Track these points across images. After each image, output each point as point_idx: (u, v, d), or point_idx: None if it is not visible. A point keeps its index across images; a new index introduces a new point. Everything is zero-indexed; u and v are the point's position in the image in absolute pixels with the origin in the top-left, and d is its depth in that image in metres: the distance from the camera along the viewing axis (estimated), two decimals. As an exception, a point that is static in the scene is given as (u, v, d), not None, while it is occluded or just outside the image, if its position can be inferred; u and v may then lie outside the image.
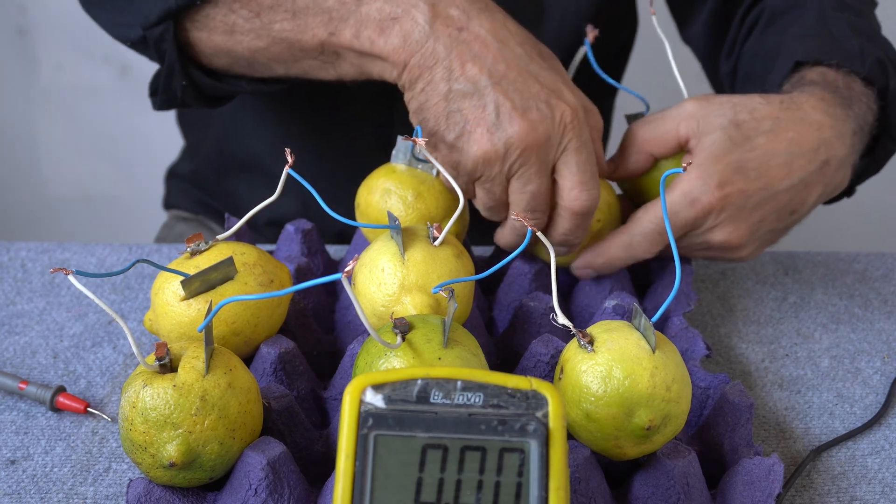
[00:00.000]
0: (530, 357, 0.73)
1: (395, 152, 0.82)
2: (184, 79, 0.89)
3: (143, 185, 1.90)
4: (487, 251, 0.92)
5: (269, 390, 0.68)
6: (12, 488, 0.68)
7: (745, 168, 0.79)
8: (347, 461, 0.51)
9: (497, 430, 0.52)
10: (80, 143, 2.03)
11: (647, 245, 0.81)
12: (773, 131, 0.80)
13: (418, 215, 0.79)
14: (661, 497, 0.65)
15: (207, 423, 0.62)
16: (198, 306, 0.70)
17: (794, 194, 0.81)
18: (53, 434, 0.73)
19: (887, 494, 0.72)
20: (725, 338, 0.87)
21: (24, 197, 2.08)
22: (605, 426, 0.63)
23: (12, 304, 0.87)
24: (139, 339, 0.83)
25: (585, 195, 0.77)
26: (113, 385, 0.78)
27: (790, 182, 0.80)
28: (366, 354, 0.65)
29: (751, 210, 0.79)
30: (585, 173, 0.77)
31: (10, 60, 1.95)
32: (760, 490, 0.65)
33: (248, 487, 0.62)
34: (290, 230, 0.86)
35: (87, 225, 2.09)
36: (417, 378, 0.53)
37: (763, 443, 0.76)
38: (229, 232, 0.76)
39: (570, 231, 0.79)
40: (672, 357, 0.64)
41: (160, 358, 0.63)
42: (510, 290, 0.83)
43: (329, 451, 0.69)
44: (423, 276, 0.71)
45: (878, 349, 0.87)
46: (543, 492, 0.51)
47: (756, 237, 0.82)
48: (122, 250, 0.94)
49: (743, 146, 0.79)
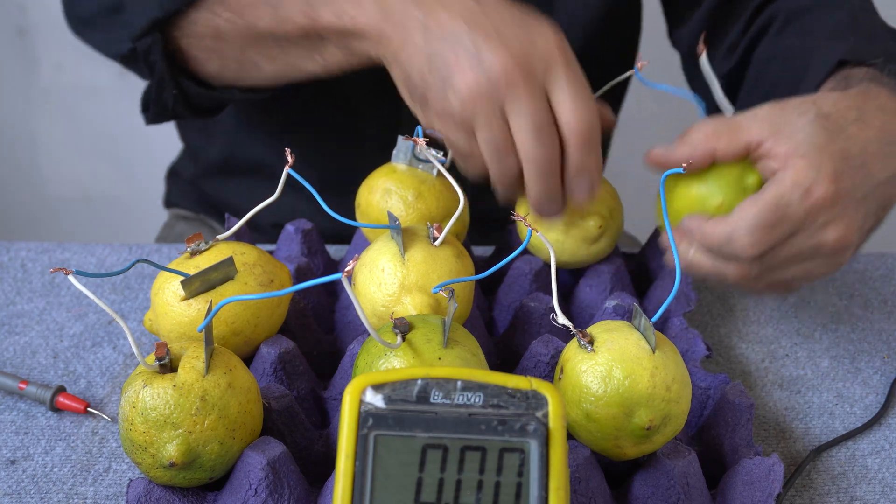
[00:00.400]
0: (530, 357, 0.73)
1: (395, 152, 0.82)
2: (174, 88, 0.89)
3: (143, 185, 1.90)
4: (487, 251, 0.92)
5: (269, 390, 0.68)
6: (12, 488, 0.68)
7: (851, 157, 0.72)
8: (347, 461, 0.51)
9: (497, 430, 0.52)
10: (80, 143, 2.03)
11: (747, 240, 0.70)
12: (862, 120, 0.74)
13: (419, 215, 0.79)
14: (661, 497, 0.65)
15: (207, 423, 0.62)
16: (198, 306, 0.70)
17: (890, 187, 0.75)
18: (53, 434, 0.73)
19: (887, 494, 0.72)
20: (725, 338, 0.87)
21: (24, 197, 2.08)
22: (605, 426, 0.63)
23: (12, 304, 0.87)
24: (139, 339, 0.83)
25: (583, 112, 0.73)
26: (113, 385, 0.78)
27: (887, 173, 0.74)
28: (366, 354, 0.65)
29: (857, 204, 0.72)
30: (578, 87, 0.73)
31: (10, 60, 1.95)
32: (760, 490, 0.65)
33: (248, 487, 0.62)
34: (290, 230, 0.87)
35: (87, 225, 2.09)
36: (417, 378, 0.53)
37: (763, 443, 0.76)
38: (229, 232, 0.76)
39: (583, 161, 0.74)
40: (672, 357, 0.64)
41: (160, 358, 0.63)
42: (510, 290, 0.83)
43: (329, 451, 0.69)
44: (424, 276, 0.71)
45: (878, 349, 0.87)
46: (543, 492, 0.51)
47: (860, 236, 0.74)
48: (122, 250, 0.94)
49: (840, 135, 0.72)
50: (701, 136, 0.74)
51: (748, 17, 1.01)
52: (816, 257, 0.73)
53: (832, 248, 0.72)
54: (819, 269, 0.74)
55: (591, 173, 0.75)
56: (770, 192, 0.70)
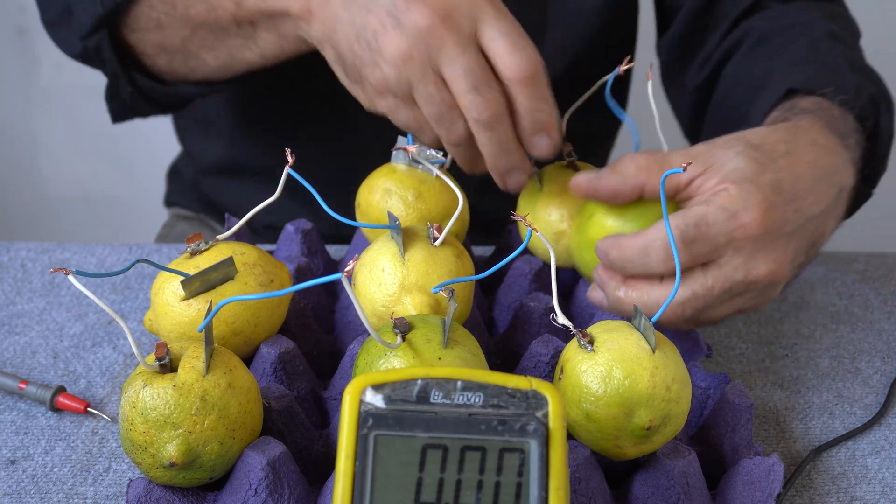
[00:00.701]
0: (530, 357, 0.73)
1: (395, 152, 0.82)
2: (129, 85, 0.93)
3: (143, 185, 1.90)
4: (487, 251, 0.92)
5: (269, 390, 0.68)
6: (12, 488, 0.68)
7: (782, 190, 0.70)
8: (347, 461, 0.51)
9: (497, 430, 0.52)
10: (80, 143, 2.03)
11: (662, 254, 0.69)
12: (792, 154, 0.72)
13: (418, 215, 0.79)
14: (661, 497, 0.65)
15: (207, 423, 0.62)
16: (198, 306, 0.70)
17: (820, 223, 0.73)
18: (53, 434, 0.73)
19: (887, 494, 0.72)
20: (725, 338, 0.87)
21: (24, 197, 2.08)
22: (605, 426, 0.63)
23: (12, 304, 0.87)
24: (139, 339, 0.83)
25: (522, 55, 0.70)
26: (113, 385, 0.78)
27: (818, 208, 0.72)
28: (366, 354, 0.65)
29: (788, 238, 0.70)
30: (513, 34, 0.71)
31: (10, 60, 1.95)
32: (760, 490, 0.65)
33: (248, 487, 0.62)
34: (290, 230, 0.87)
35: (87, 225, 2.09)
36: (417, 378, 0.53)
37: (763, 443, 0.76)
38: (229, 232, 0.76)
39: (533, 106, 0.72)
40: (672, 357, 0.64)
41: (160, 358, 0.63)
42: (510, 290, 0.83)
43: (329, 451, 0.69)
44: (424, 276, 0.71)
45: (878, 349, 0.87)
46: (543, 492, 0.51)
47: (792, 270, 0.72)
48: (122, 250, 0.94)
49: (770, 166, 0.70)
50: (632, 168, 0.71)
51: (724, 30, 1.00)
52: (747, 293, 0.70)
53: (764, 283, 0.70)
54: (749, 304, 0.72)
55: (547, 120, 0.73)
56: (694, 210, 0.69)
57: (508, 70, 0.71)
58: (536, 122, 0.73)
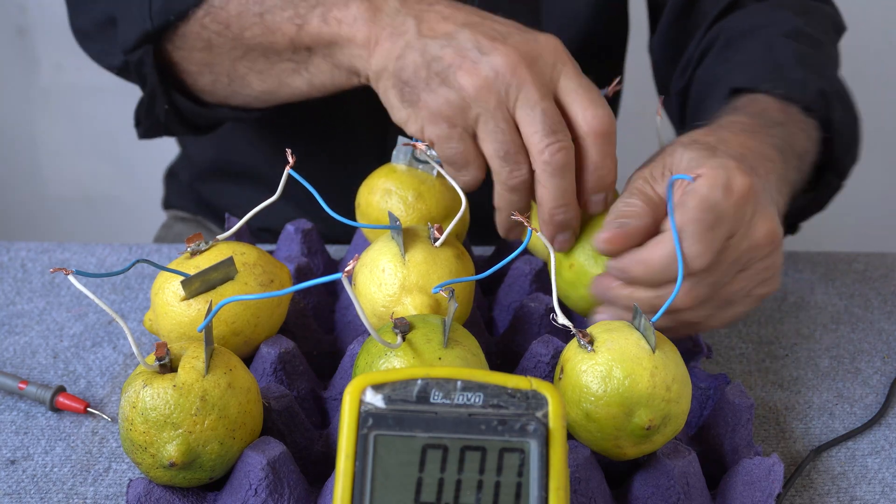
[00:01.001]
0: (530, 357, 0.73)
1: (395, 152, 0.82)
2: (166, 103, 0.90)
3: (143, 185, 1.90)
4: (487, 251, 0.93)
5: (269, 390, 0.68)
6: (12, 488, 0.68)
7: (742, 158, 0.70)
8: (347, 461, 0.52)
9: (497, 430, 0.52)
10: (80, 143, 2.03)
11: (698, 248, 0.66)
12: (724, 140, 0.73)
13: (419, 216, 0.79)
14: (661, 497, 0.65)
15: (207, 423, 0.62)
16: (198, 306, 0.70)
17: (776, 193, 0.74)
18: (53, 434, 0.73)
19: (887, 494, 0.72)
20: (725, 338, 0.87)
21: (24, 197, 2.08)
22: (605, 426, 0.63)
23: (12, 304, 0.87)
24: (139, 339, 0.83)
25: (602, 111, 0.71)
26: (113, 385, 0.78)
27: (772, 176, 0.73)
28: (366, 354, 0.65)
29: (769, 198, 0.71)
30: (592, 92, 0.72)
31: (10, 60, 1.95)
32: (760, 490, 0.65)
33: (248, 487, 0.62)
34: (290, 230, 0.87)
35: (87, 225, 2.09)
36: (417, 378, 0.53)
37: (763, 443, 0.76)
38: (229, 232, 0.76)
39: (602, 163, 0.72)
40: (672, 357, 0.64)
41: (160, 358, 0.63)
42: (510, 290, 0.83)
43: (329, 451, 0.69)
44: (424, 276, 0.71)
45: (878, 349, 0.87)
46: (543, 492, 0.51)
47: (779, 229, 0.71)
48: (122, 250, 0.94)
49: (716, 149, 0.71)
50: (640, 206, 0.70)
51: (703, 31, 1.00)
52: (753, 263, 0.69)
53: (765, 244, 0.69)
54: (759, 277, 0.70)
55: (609, 180, 0.73)
56: (693, 200, 0.66)
57: (586, 123, 0.71)
58: (600, 178, 0.73)
